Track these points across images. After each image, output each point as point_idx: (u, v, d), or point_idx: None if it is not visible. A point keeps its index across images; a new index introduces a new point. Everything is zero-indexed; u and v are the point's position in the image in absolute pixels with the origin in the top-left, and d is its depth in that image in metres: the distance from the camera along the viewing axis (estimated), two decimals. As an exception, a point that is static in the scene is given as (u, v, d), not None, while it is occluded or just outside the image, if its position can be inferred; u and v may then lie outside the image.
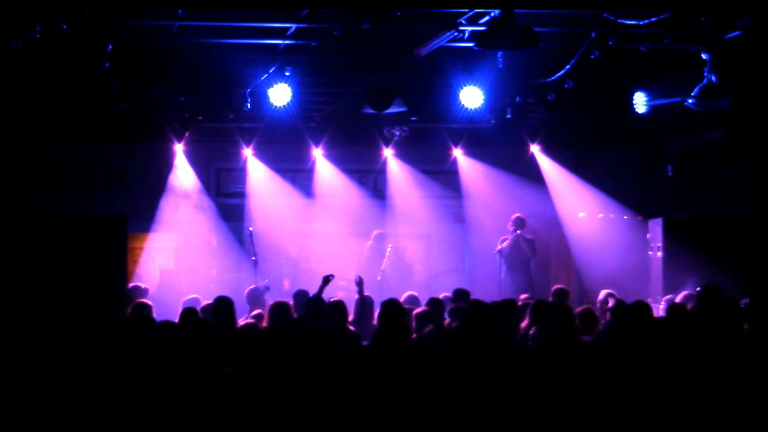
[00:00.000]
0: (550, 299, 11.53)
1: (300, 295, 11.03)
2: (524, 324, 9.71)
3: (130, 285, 12.32)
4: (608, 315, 10.22)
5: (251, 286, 12.37)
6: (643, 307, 8.76)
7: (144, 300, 10.84)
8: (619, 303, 9.81)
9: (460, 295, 11.38)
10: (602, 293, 11.65)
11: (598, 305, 11.45)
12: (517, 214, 15.65)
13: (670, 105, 13.02)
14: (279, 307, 9.84)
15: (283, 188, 16.71)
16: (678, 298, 11.36)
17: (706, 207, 15.55)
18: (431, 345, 8.80)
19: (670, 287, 13.26)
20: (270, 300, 11.25)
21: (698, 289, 9.79)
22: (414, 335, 9.31)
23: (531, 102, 14.14)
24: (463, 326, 8.72)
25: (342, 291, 14.79)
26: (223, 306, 9.70)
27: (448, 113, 14.23)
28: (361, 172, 17.19)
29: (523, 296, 12.64)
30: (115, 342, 8.09)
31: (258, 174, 16.58)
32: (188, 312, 9.47)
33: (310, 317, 9.62)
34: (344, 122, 15.59)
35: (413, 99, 13.52)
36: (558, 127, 15.79)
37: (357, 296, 10.90)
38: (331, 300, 10.04)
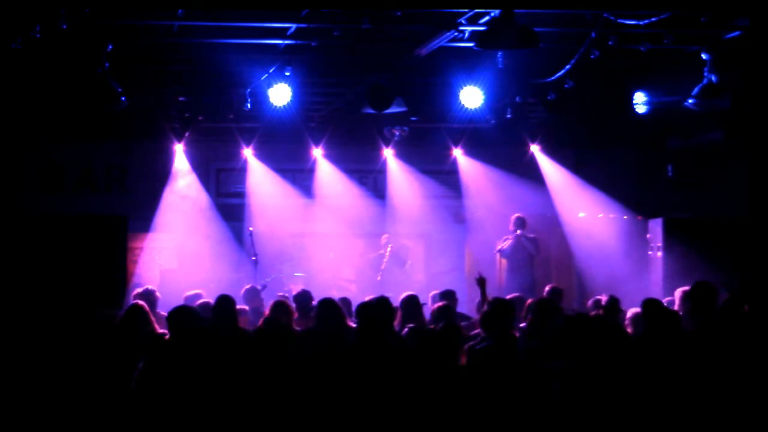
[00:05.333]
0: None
1: (302, 296, 10.99)
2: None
3: (142, 288, 12.08)
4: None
5: (247, 285, 12.37)
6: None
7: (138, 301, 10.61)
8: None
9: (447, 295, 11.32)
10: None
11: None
12: (518, 214, 15.64)
13: (670, 105, 13.02)
14: (279, 307, 9.80)
15: (283, 188, 16.70)
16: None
17: (706, 207, 15.53)
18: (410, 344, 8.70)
19: (670, 287, 13.22)
20: (267, 298, 11.24)
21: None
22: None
23: (531, 102, 14.13)
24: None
25: (335, 290, 14.80)
26: (224, 305, 9.61)
27: (448, 113, 14.21)
28: (361, 172, 17.19)
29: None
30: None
31: (258, 174, 16.57)
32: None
33: (322, 319, 9.33)
34: (344, 122, 15.58)
35: (413, 99, 13.50)
36: (558, 127, 15.79)
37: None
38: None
